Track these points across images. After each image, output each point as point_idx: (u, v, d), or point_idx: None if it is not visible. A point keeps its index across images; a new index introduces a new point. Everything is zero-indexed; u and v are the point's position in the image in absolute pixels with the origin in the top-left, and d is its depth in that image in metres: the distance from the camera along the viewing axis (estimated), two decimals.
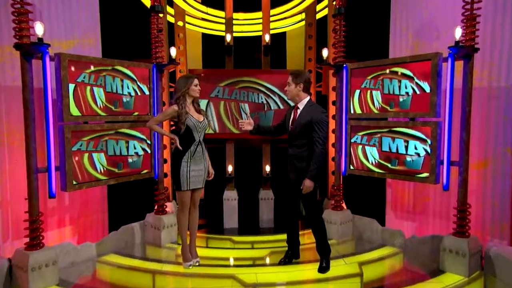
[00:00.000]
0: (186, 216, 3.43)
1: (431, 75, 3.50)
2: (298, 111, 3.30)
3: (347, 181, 4.41)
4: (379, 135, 3.91)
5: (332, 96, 4.70)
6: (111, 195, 4.32)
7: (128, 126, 3.84)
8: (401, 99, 3.73)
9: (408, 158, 3.70)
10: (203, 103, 4.73)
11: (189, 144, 3.28)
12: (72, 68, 3.38)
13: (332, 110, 4.64)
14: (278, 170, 5.14)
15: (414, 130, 3.67)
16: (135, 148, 3.93)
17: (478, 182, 3.70)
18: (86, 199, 4.05)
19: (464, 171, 3.46)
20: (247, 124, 3.39)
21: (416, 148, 3.66)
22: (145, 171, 4.04)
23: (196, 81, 3.34)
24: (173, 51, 4.15)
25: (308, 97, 3.29)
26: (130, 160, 3.89)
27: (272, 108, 4.89)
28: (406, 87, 3.69)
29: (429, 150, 3.57)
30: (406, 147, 3.72)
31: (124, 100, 3.80)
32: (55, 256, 3.28)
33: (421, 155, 3.62)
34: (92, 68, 3.53)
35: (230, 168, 5.04)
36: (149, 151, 4.08)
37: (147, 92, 4.00)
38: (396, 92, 3.76)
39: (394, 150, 3.82)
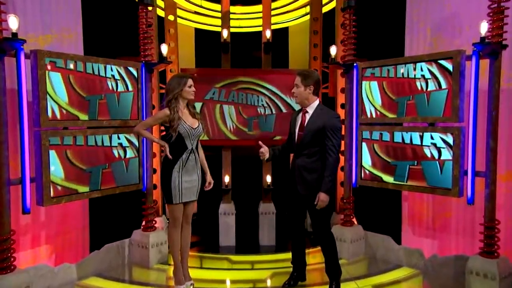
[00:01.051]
0: (178, 233, 3.41)
1: (453, 75, 3.48)
2: (307, 116, 3.28)
3: (358, 193, 4.38)
4: (393, 141, 3.90)
5: (341, 99, 4.69)
6: (93, 209, 4.29)
7: (113, 132, 3.82)
8: (419, 102, 3.72)
9: (427, 168, 3.68)
10: (196, 107, 4.64)
11: (180, 152, 3.27)
12: (49, 67, 3.33)
13: (340, 114, 4.48)
14: (280, 181, 5.16)
15: (435, 137, 3.65)
16: (121, 156, 3.91)
17: (507, 195, 3.66)
18: (64, 215, 4.00)
19: (492, 183, 3.41)
20: (265, 152, 3.37)
21: (435, 157, 3.64)
22: (132, 182, 4.02)
23: (190, 82, 3.31)
24: (164, 48, 4.14)
25: (318, 100, 3.29)
26: (116, 169, 3.86)
27: (274, 112, 4.89)
28: (424, 88, 3.68)
29: (451, 159, 3.54)
30: (424, 155, 3.71)
31: (109, 101, 3.78)
32: (28, 280, 3.22)
33: (442, 164, 3.59)
34: (71, 67, 3.51)
35: (226, 179, 5.00)
36: (136, 160, 4.06)
37: (134, 94, 4.00)
38: (413, 94, 3.74)
39: (411, 159, 3.80)
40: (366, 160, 4.11)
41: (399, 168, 3.87)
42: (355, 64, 4.15)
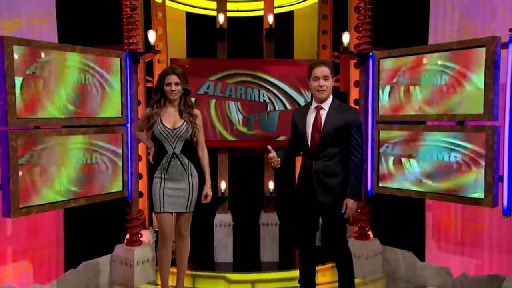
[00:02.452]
0: (167, 249, 3.43)
1: (486, 65, 3.46)
2: (324, 113, 3.28)
3: (374, 202, 4.37)
4: (416, 143, 3.87)
5: (354, 94, 4.66)
6: (68, 221, 4.28)
7: (93, 132, 3.83)
8: (445, 97, 3.71)
9: (455, 173, 3.68)
10: None
11: (160, 156, 3.34)
12: (16, 56, 3.30)
13: None
14: (284, 188, 5.17)
15: (463, 137, 3.65)
16: (102, 160, 3.92)
17: None
18: (35, 227, 3.96)
19: None
20: (275, 160, 3.35)
21: (465, 161, 3.63)
22: (114, 189, 4.03)
23: (170, 79, 3.31)
24: (151, 35, 4.11)
25: (331, 95, 3.32)
26: (95, 175, 3.87)
27: (277, 108, 4.90)
28: (452, 82, 3.67)
29: (483, 164, 3.51)
30: (453, 159, 3.71)
31: (88, 97, 3.79)
32: None
33: (473, 169, 3.58)
34: (44, 56, 3.47)
35: (223, 185, 4.96)
36: (120, 164, 4.04)
37: (117, 88, 3.99)
38: (439, 88, 3.75)
39: (436, 163, 3.79)
40: (384, 164, 4.10)
41: None
42: (371, 54, 4.13)
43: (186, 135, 3.35)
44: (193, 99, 4.61)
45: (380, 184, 4.15)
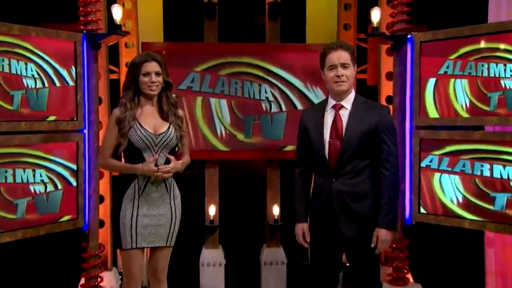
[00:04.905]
0: None
1: None
2: (345, 114, 3.21)
3: (414, 234, 4.35)
4: (470, 155, 3.82)
5: (387, 89, 4.62)
6: (3, 260, 4.27)
7: (37, 141, 3.76)
8: (510, 94, 3.67)
9: None
10: None
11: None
12: None
13: None
14: (291, 213, 5.15)
15: None
16: (48, 178, 3.84)
17: None
18: None
19: None
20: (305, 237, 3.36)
21: None
22: (66, 217, 3.95)
23: (148, 67, 3.24)
24: (116, 12, 4.04)
25: (353, 90, 3.30)
26: (38, 199, 3.78)
27: (284, 109, 4.84)
28: None
29: None
30: None
31: (29, 95, 3.69)
32: None
33: None
34: None
35: (212, 210, 4.88)
36: (74, 183, 3.96)
37: (70, 82, 3.91)
38: (502, 81, 3.69)
39: (499, 183, 3.74)
40: (427, 184, 4.07)
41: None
42: (409, 36, 4.09)
43: (173, 143, 3.35)
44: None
45: (421, 211, 4.09)
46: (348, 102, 3.19)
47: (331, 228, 3.18)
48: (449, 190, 3.93)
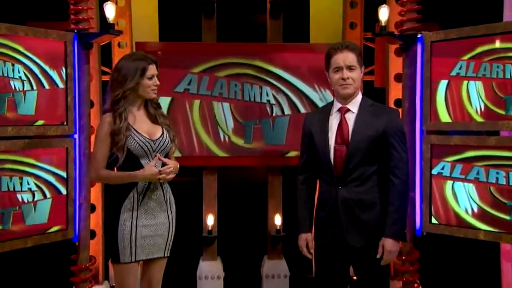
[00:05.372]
0: None
1: None
2: (351, 117, 3.20)
3: (425, 245, 4.32)
4: (485, 162, 3.80)
5: (395, 91, 4.60)
6: None
7: (24, 146, 3.72)
8: None
9: None
10: (162, 104, 4.60)
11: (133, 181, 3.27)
12: None
13: None
14: (294, 223, 5.14)
15: None
16: (36, 186, 3.81)
17: None
18: None
19: None
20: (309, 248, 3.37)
21: None
22: (55, 228, 3.92)
23: (153, 70, 3.23)
24: (109, 10, 4.02)
25: (360, 92, 3.28)
26: (26, 208, 3.74)
27: (286, 112, 4.86)
28: None
29: None
30: None
31: (16, 98, 3.66)
32: None
33: None
34: None
35: (210, 220, 4.89)
36: (63, 191, 3.93)
37: (60, 84, 3.88)
38: None
39: None
40: (439, 192, 4.04)
41: None
42: (419, 35, 4.07)
43: (169, 147, 3.35)
44: (168, 99, 4.80)
45: (433, 221, 4.07)
46: (354, 105, 3.18)
47: (337, 239, 3.16)
48: (463, 199, 3.91)
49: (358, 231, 3.13)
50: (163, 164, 3.26)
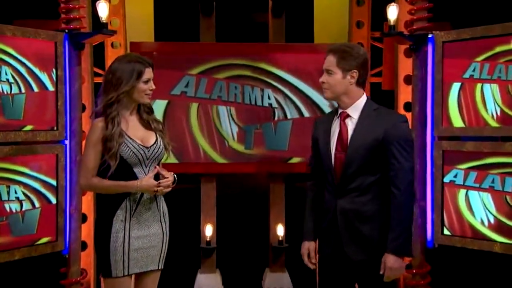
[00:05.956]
0: None
1: None
2: (350, 123, 3.17)
3: (437, 258, 4.36)
4: (500, 170, 3.82)
5: (405, 94, 4.59)
6: None
7: (11, 153, 3.75)
8: None
9: None
10: (158, 108, 4.67)
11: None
12: None
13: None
14: (298, 234, 5.14)
15: None
16: (24, 195, 3.83)
17: None
18: None
19: None
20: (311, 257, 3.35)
21: None
22: (44, 239, 3.94)
23: (149, 73, 3.20)
24: (102, 9, 4.03)
25: (365, 96, 3.22)
26: (13, 219, 3.77)
27: (289, 116, 4.88)
28: None
29: None
30: None
31: (4, 102, 3.69)
32: None
33: None
34: None
35: (208, 230, 4.89)
36: (53, 201, 3.94)
37: (50, 87, 3.90)
38: None
39: None
40: (452, 201, 4.06)
41: None
42: (430, 35, 4.09)
43: (163, 155, 3.33)
44: (164, 102, 4.82)
45: (445, 232, 4.08)
46: (355, 110, 3.15)
47: (337, 251, 3.16)
48: (478, 209, 3.91)
49: (357, 244, 3.12)
50: (159, 176, 3.26)
